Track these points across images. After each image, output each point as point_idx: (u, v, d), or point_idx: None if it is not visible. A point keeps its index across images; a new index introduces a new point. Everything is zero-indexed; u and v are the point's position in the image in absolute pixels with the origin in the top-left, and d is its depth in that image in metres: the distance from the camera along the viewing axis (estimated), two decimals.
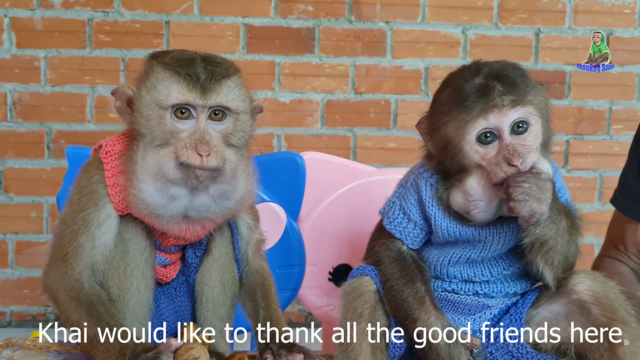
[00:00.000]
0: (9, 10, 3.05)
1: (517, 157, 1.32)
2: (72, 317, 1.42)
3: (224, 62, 1.44)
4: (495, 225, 1.41)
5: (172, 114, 1.37)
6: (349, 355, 1.41)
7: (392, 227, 1.47)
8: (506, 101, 1.33)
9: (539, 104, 1.37)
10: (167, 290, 1.59)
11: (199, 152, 1.34)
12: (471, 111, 1.33)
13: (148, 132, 1.38)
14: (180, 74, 1.36)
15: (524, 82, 1.36)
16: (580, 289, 1.40)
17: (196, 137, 1.36)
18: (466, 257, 1.43)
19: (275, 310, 1.58)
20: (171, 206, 1.38)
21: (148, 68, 1.41)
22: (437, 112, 1.40)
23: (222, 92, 1.38)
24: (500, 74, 1.36)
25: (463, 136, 1.34)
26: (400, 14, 3.16)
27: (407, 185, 1.49)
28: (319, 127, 3.18)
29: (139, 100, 1.40)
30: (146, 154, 1.37)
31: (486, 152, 1.34)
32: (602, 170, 3.26)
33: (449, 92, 1.38)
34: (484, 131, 1.34)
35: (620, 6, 3.22)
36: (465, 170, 1.37)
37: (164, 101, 1.36)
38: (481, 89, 1.34)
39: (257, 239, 1.61)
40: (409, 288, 1.42)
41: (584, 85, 3.23)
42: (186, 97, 1.36)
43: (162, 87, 1.37)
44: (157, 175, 1.36)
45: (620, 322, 1.36)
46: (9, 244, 3.16)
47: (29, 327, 3.18)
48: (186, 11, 3.09)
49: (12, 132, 3.10)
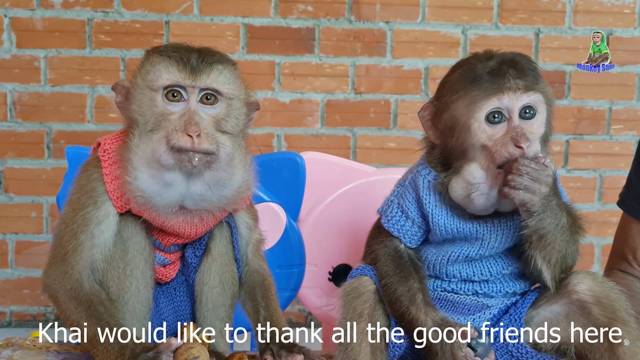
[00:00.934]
0: (9, 10, 3.05)
1: (525, 140, 1.33)
2: (71, 316, 1.42)
3: (220, 53, 1.46)
4: (493, 221, 1.41)
5: (163, 96, 1.39)
6: (348, 355, 1.41)
7: (390, 226, 1.48)
8: (520, 85, 1.36)
9: (547, 94, 1.40)
10: (167, 290, 1.59)
11: (188, 133, 1.34)
12: (485, 90, 1.35)
13: (141, 117, 1.39)
14: (172, 57, 1.39)
15: (534, 71, 1.39)
16: (580, 289, 1.40)
17: (185, 118, 1.37)
18: (465, 255, 1.44)
19: (276, 310, 1.58)
20: (167, 193, 1.38)
21: (145, 59, 1.44)
22: (447, 92, 1.41)
23: (212, 74, 1.40)
24: (512, 60, 1.39)
25: (473, 113, 1.36)
26: (400, 14, 3.16)
27: (405, 184, 1.49)
28: (318, 127, 3.18)
29: (134, 88, 1.42)
30: (140, 141, 1.39)
31: (494, 133, 1.36)
32: (602, 170, 3.26)
33: (462, 72, 1.41)
34: (495, 110, 1.36)
35: (620, 6, 3.22)
36: (467, 153, 1.38)
37: (155, 83, 1.38)
38: (495, 71, 1.37)
39: (257, 238, 1.61)
40: (402, 285, 1.42)
41: (584, 85, 3.23)
42: (176, 77, 1.38)
43: (154, 70, 1.39)
44: (151, 162, 1.37)
45: (621, 322, 1.36)
46: (9, 244, 3.16)
47: (28, 327, 3.18)
48: (186, 11, 3.10)
49: (12, 132, 3.10)
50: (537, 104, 1.37)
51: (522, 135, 1.34)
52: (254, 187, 1.51)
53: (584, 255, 3.37)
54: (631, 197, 1.86)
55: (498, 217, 1.41)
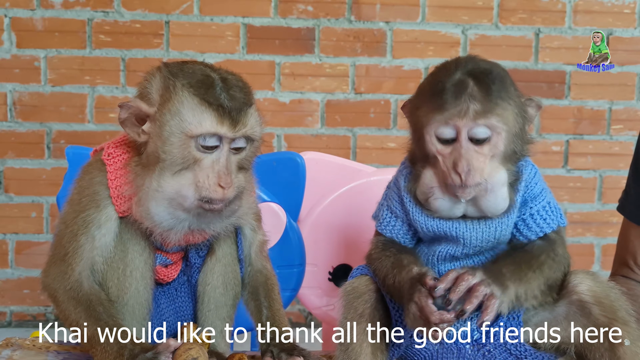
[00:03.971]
0: (9, 10, 3.06)
1: (464, 167, 1.33)
2: (71, 316, 1.42)
3: (240, 82, 1.42)
4: (472, 221, 1.41)
5: (197, 143, 1.35)
6: (349, 355, 1.41)
7: (382, 228, 1.49)
8: (471, 110, 1.33)
9: (507, 116, 1.36)
10: (168, 291, 1.59)
11: (221, 184, 1.35)
12: (439, 107, 1.34)
13: (167, 156, 1.35)
14: (212, 104, 1.34)
15: (499, 90, 1.35)
16: (580, 290, 1.40)
17: (219, 167, 1.36)
18: (450, 254, 1.44)
19: (278, 310, 1.58)
20: (179, 226, 1.39)
21: (170, 88, 1.36)
22: (417, 94, 1.43)
23: (249, 123, 1.38)
24: (480, 75, 1.35)
25: (426, 126, 1.37)
26: (400, 14, 3.16)
27: (390, 186, 1.51)
28: (318, 127, 3.18)
29: (160, 123, 1.36)
30: (162, 180, 1.36)
31: (443, 149, 1.36)
32: (602, 170, 3.26)
33: (430, 80, 1.41)
34: (443, 132, 1.35)
35: (620, 6, 3.22)
36: (426, 158, 1.39)
37: (191, 130, 1.34)
38: (455, 87, 1.34)
39: (260, 240, 1.61)
40: (388, 261, 1.43)
41: (584, 85, 3.23)
42: (217, 129, 1.34)
43: (191, 116, 1.34)
44: (173, 202, 1.37)
45: (621, 323, 1.36)
46: (9, 244, 3.16)
47: (29, 327, 3.18)
48: (186, 11, 3.10)
49: (12, 132, 3.10)
50: (493, 127, 1.34)
51: (461, 161, 1.33)
52: (256, 204, 1.57)
53: (584, 255, 3.37)
54: (630, 202, 1.86)
55: (477, 218, 1.41)
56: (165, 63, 1.42)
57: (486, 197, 1.36)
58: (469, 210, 1.38)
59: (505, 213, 1.40)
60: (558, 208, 1.46)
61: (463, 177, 1.33)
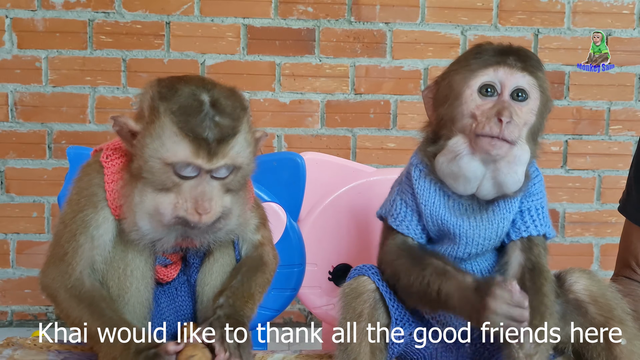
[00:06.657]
0: (10, 11, 3.06)
1: (508, 115, 1.34)
2: (72, 314, 1.42)
3: (233, 104, 1.36)
4: (475, 218, 1.42)
5: (175, 170, 1.34)
6: (348, 355, 1.41)
7: (398, 224, 1.48)
8: (518, 65, 1.39)
9: (543, 84, 1.41)
10: (168, 290, 1.59)
11: (199, 211, 1.33)
12: (484, 61, 1.40)
13: (148, 176, 1.35)
14: (188, 135, 1.31)
15: (538, 62, 1.42)
16: (576, 289, 1.40)
17: (197, 192, 1.34)
18: (453, 254, 1.44)
19: (249, 289, 1.50)
20: (165, 238, 1.39)
21: (155, 110, 1.34)
22: (451, 67, 1.47)
23: (230, 153, 1.35)
24: (520, 49, 1.43)
25: (468, 81, 1.39)
26: (400, 15, 3.17)
27: (402, 180, 1.51)
28: (319, 127, 3.18)
29: (142, 144, 1.35)
30: (144, 195, 1.36)
31: (483, 104, 1.37)
32: (601, 170, 3.27)
33: (468, 51, 1.48)
34: (488, 83, 1.38)
35: (619, 7, 3.22)
36: (455, 123, 1.39)
37: (168, 158, 1.33)
38: (500, 50, 1.42)
39: (259, 239, 1.60)
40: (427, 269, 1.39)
41: (583, 86, 3.23)
42: (192, 161, 1.33)
43: (169, 143, 1.32)
44: (153, 219, 1.36)
45: (617, 321, 1.36)
46: (10, 243, 3.17)
47: (30, 326, 3.19)
48: (187, 12, 3.10)
49: (13, 133, 3.11)
50: (531, 88, 1.39)
51: (506, 110, 1.34)
52: (250, 214, 1.53)
53: (583, 255, 3.38)
54: (631, 204, 1.86)
55: (480, 214, 1.42)
56: (159, 80, 1.39)
57: (508, 167, 1.35)
58: (485, 184, 1.37)
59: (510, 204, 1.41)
60: (549, 218, 1.47)
61: (504, 126, 1.33)
